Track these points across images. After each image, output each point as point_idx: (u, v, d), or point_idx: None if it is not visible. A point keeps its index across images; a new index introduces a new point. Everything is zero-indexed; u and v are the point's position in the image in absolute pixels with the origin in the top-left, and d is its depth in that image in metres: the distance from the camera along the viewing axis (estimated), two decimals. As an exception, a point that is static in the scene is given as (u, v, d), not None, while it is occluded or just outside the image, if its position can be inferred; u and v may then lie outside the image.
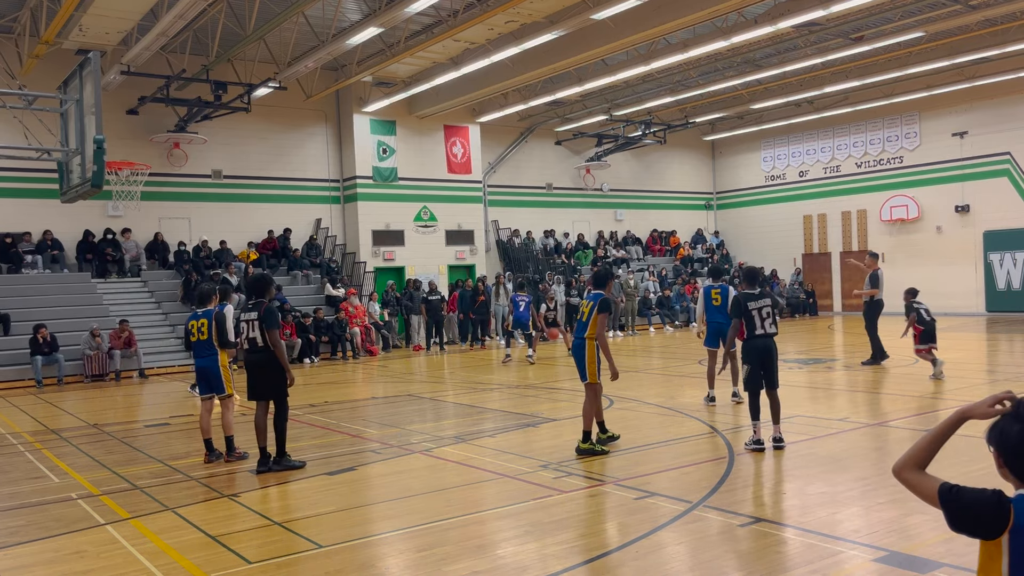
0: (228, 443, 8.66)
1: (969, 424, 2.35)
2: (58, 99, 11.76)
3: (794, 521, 5.89)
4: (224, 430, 8.69)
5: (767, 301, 8.16)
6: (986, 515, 2.17)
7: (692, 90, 25.73)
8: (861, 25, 20.65)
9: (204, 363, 8.75)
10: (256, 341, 7.90)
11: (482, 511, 6.51)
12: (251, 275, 8.18)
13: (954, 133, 27.31)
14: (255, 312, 7.95)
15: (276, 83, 20.46)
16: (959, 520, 2.21)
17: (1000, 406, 2.28)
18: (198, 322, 8.77)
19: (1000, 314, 25.90)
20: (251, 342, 7.94)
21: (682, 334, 24.63)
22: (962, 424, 2.34)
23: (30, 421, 12.38)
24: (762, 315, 8.07)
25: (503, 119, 27.22)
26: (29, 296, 19.04)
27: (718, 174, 35.10)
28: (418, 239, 25.70)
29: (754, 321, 8.07)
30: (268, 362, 7.92)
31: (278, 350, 7.89)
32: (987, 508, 2.16)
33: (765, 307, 8.09)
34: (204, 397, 8.88)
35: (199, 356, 8.80)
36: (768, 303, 8.15)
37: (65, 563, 5.54)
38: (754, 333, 8.10)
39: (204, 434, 8.74)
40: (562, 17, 17.57)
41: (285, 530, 6.09)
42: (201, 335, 8.73)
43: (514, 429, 10.01)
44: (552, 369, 16.95)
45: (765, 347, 8.08)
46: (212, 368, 8.68)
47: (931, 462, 2.35)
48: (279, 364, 7.93)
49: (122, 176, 18.82)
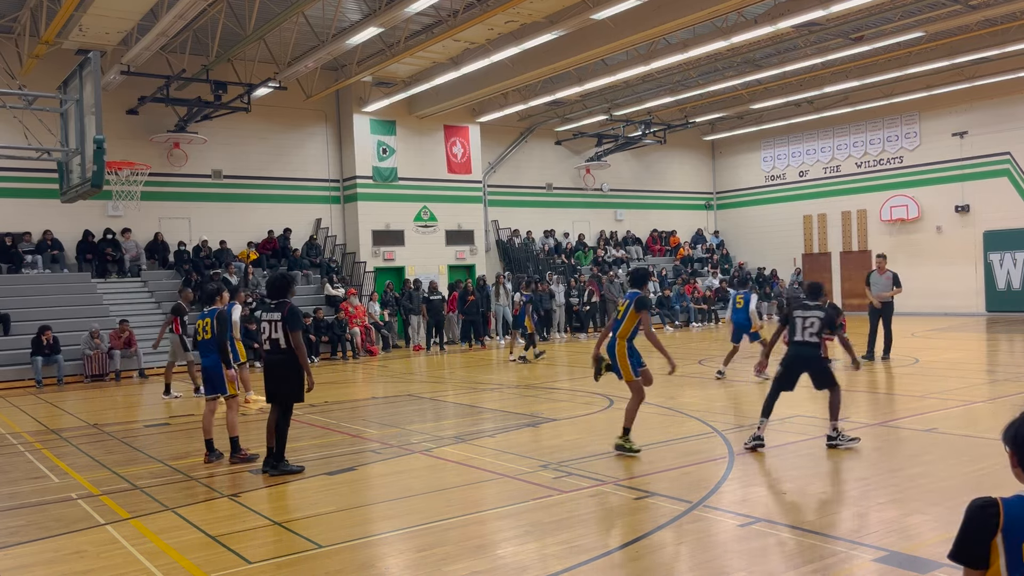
0: (233, 444, 8.60)
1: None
2: (58, 99, 11.77)
3: (794, 521, 5.88)
4: (229, 431, 8.64)
5: (817, 314, 8.34)
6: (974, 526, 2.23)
7: (692, 90, 25.73)
8: (861, 25, 20.65)
9: (208, 362, 8.76)
10: (279, 342, 7.67)
11: (482, 511, 6.51)
12: (272, 275, 7.98)
13: (954, 133, 27.31)
14: (278, 312, 7.68)
15: (276, 83, 20.46)
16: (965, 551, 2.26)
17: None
18: (203, 321, 8.82)
19: (1000, 314, 25.89)
20: (273, 343, 7.70)
21: (682, 334, 24.64)
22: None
23: (30, 421, 12.38)
24: (804, 325, 8.32)
25: (503, 119, 27.23)
26: (29, 296, 19.03)
27: (718, 174, 35.10)
28: (418, 239, 25.71)
29: (795, 328, 8.36)
30: (290, 363, 7.69)
31: (300, 352, 7.69)
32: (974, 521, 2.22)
33: (811, 318, 8.31)
34: (209, 397, 8.87)
35: (204, 355, 8.82)
36: (816, 316, 8.31)
37: (65, 563, 5.54)
38: (793, 339, 8.40)
39: (205, 434, 8.74)
40: (562, 17, 17.57)
41: (285, 530, 6.09)
42: (205, 334, 8.75)
43: (514, 429, 10.01)
44: (552, 369, 16.95)
45: (798, 354, 8.28)
46: (215, 367, 8.66)
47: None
48: (299, 366, 7.71)
49: (122, 176, 18.82)
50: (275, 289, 7.96)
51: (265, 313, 7.84)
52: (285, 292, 7.92)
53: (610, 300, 25.25)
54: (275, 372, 7.75)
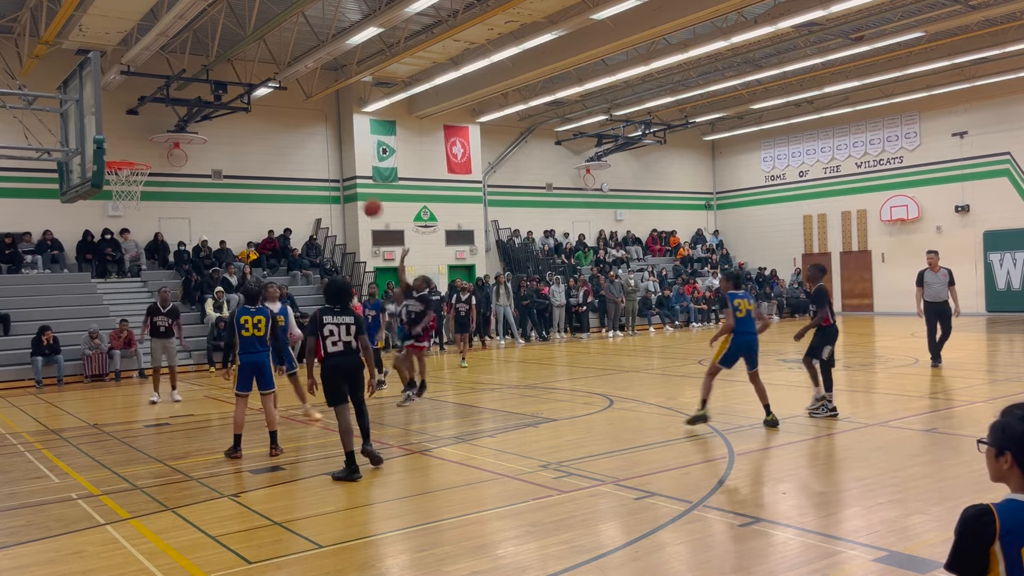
0: (273, 437, 8.76)
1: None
2: (58, 99, 11.76)
3: (794, 521, 5.88)
4: (270, 425, 8.78)
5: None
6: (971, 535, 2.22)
7: (692, 90, 25.72)
8: (861, 25, 20.64)
9: (262, 358, 8.74)
10: (351, 344, 7.85)
11: (482, 511, 6.51)
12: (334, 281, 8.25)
13: (954, 133, 27.31)
14: (350, 316, 7.89)
15: (276, 83, 20.46)
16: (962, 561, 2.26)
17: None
18: (253, 318, 8.72)
19: (1000, 314, 25.89)
20: (347, 345, 7.86)
21: (682, 334, 24.63)
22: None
23: (30, 421, 12.37)
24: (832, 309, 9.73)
25: (503, 119, 27.22)
26: (29, 296, 19.03)
27: (718, 174, 35.10)
28: (418, 239, 25.70)
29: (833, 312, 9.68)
30: (360, 364, 7.97)
31: (367, 353, 8.04)
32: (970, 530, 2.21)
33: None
34: (244, 393, 8.71)
35: (256, 351, 8.70)
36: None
37: (65, 563, 5.53)
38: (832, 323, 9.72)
39: (237, 428, 8.70)
40: (562, 17, 17.57)
41: (285, 530, 6.08)
42: (257, 330, 8.70)
43: (514, 429, 10.00)
44: (552, 369, 16.95)
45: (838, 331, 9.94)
46: (267, 363, 8.79)
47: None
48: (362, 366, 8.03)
49: (122, 176, 18.81)
50: (342, 294, 8.06)
51: (335, 317, 7.90)
52: (349, 298, 8.14)
53: (610, 301, 25.24)
54: (351, 374, 7.91)
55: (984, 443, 2.38)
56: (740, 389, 12.46)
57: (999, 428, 2.35)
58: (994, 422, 2.40)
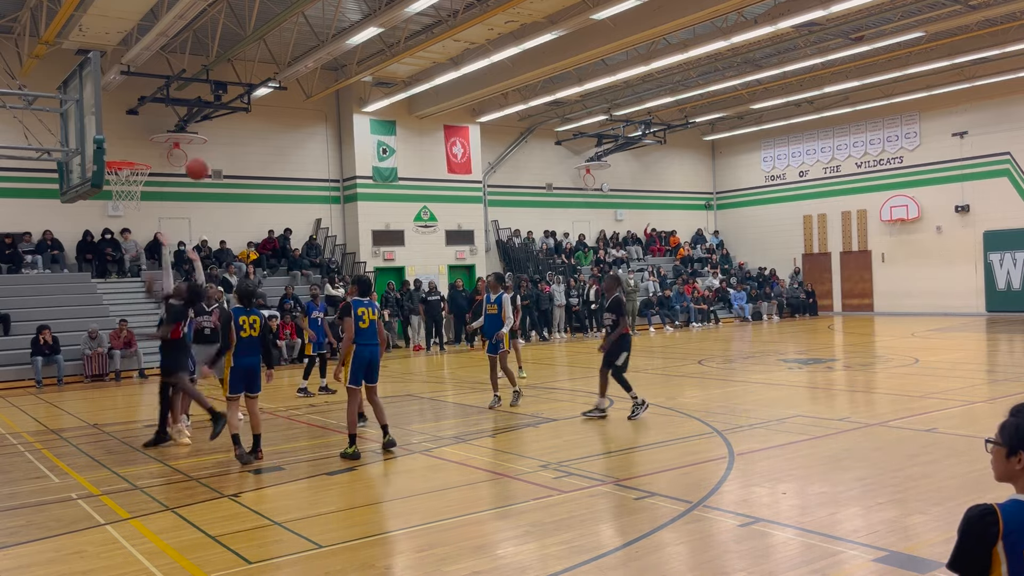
0: (256, 440, 8.62)
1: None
2: (58, 99, 11.76)
3: (794, 521, 5.88)
4: (254, 428, 8.66)
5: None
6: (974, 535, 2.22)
7: (692, 90, 25.72)
8: (861, 25, 20.65)
9: (255, 361, 8.67)
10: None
11: (482, 511, 6.51)
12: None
13: (954, 133, 27.31)
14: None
15: (276, 83, 20.46)
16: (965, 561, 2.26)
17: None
18: (249, 318, 8.60)
19: (1000, 314, 25.89)
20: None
21: (682, 334, 24.63)
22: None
23: (30, 421, 12.37)
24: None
25: (503, 119, 27.22)
26: (29, 296, 19.03)
27: (718, 174, 35.10)
28: (418, 239, 25.70)
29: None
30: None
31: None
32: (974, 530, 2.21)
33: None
34: (236, 396, 8.65)
35: (251, 354, 8.60)
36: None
37: (65, 563, 5.53)
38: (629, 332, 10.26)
39: (233, 429, 8.61)
40: (562, 17, 17.57)
41: (285, 530, 6.08)
42: (253, 331, 8.60)
43: (514, 429, 10.01)
44: (552, 369, 16.95)
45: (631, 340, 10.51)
46: (259, 366, 8.75)
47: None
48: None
49: (122, 176, 18.80)
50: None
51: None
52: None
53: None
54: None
55: (994, 442, 2.37)
56: (740, 389, 12.46)
57: (1012, 428, 2.34)
58: (1005, 422, 2.39)
